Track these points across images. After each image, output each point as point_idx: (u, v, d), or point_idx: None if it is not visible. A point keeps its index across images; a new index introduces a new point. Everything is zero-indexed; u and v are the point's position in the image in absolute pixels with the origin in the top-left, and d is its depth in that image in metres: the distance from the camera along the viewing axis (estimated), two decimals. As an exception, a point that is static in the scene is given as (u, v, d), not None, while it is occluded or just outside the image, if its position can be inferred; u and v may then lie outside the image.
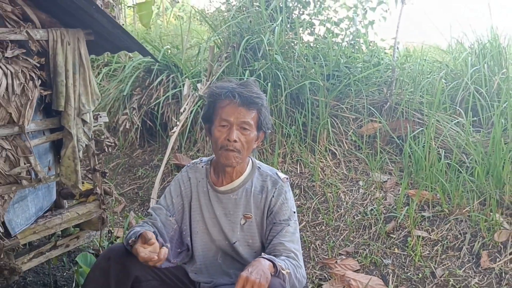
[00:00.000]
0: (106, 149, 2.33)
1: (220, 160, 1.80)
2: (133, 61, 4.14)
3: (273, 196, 1.85)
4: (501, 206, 2.78)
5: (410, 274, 2.58)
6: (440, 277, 2.51)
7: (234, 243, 1.88)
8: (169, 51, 4.29)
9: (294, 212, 1.88)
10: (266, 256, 1.63)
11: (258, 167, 1.91)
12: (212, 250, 1.93)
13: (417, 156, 3.18)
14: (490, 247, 2.61)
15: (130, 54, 4.43)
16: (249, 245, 1.88)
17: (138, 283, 1.78)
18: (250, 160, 1.92)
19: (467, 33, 4.41)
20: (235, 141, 1.74)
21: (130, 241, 1.66)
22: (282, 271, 1.61)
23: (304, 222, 3.12)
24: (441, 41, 5.29)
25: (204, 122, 1.87)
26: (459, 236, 2.72)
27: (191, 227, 1.93)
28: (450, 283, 2.46)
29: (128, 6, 7.63)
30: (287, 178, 1.91)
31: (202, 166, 1.95)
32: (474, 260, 2.58)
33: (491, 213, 2.70)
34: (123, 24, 5.42)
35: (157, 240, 1.61)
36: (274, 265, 1.60)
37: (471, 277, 2.49)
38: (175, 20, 8.15)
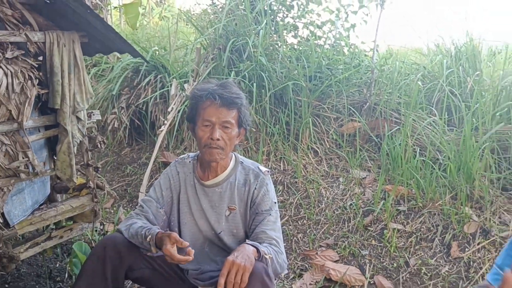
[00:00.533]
0: (99, 145, 2.45)
1: (205, 157, 1.94)
2: (122, 62, 4.25)
3: (255, 188, 1.98)
4: (471, 200, 2.96)
5: (386, 264, 2.75)
6: (413, 266, 2.69)
7: (220, 233, 2.01)
8: (157, 52, 4.41)
9: (275, 203, 2.02)
10: (250, 242, 1.77)
11: (241, 161, 2.05)
12: (200, 239, 2.06)
13: (394, 153, 3.35)
14: (460, 238, 2.79)
15: (118, 55, 4.54)
16: (233, 234, 2.02)
17: (131, 271, 1.91)
18: (234, 156, 2.06)
19: (444, 37, 4.62)
20: (218, 139, 1.87)
21: (148, 239, 1.77)
22: (265, 255, 1.75)
23: (287, 217, 3.27)
24: (422, 44, 5.50)
25: (189, 122, 1.99)
26: (432, 228, 2.90)
27: (179, 218, 2.06)
28: (422, 271, 2.64)
29: (114, 7, 7.73)
30: (268, 171, 2.05)
31: (189, 162, 2.08)
32: (445, 250, 2.76)
33: (462, 207, 2.88)
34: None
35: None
36: (258, 250, 1.74)
37: (442, 265, 2.66)
38: (161, 21, 8.26)
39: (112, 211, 3.52)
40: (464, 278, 2.57)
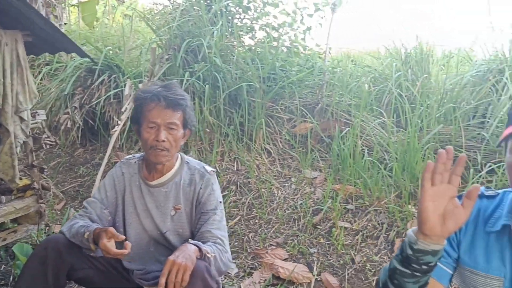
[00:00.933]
0: (44, 146, 2.42)
1: (150, 158, 1.95)
2: (75, 61, 4.19)
3: (201, 188, 2.01)
4: (414, 199, 3.09)
5: (333, 261, 2.83)
6: (359, 263, 2.77)
7: (165, 232, 2.03)
8: (111, 52, 4.37)
9: (221, 202, 2.05)
10: (193, 241, 1.80)
11: (187, 162, 2.08)
12: (145, 239, 2.07)
13: (343, 154, 3.45)
14: (403, 235, 2.90)
15: (73, 54, 4.47)
16: (179, 234, 2.04)
17: (73, 271, 1.89)
18: (179, 156, 2.08)
19: (395, 40, 4.78)
20: (163, 141, 1.89)
21: (86, 235, 1.77)
22: (208, 254, 1.78)
23: (239, 216, 3.31)
24: (380, 46, 5.66)
25: (133, 124, 2.00)
26: (378, 226, 3.00)
27: (124, 219, 2.07)
28: (367, 267, 2.73)
29: (72, 5, 7.58)
30: (213, 171, 2.08)
31: (135, 162, 2.09)
32: (389, 247, 2.86)
33: (406, 205, 3.00)
34: (65, 23, 5.42)
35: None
36: (200, 249, 1.77)
37: (386, 262, 2.76)
38: (123, 19, 8.15)
39: (63, 212, 3.47)
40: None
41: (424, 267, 1.11)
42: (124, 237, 1.72)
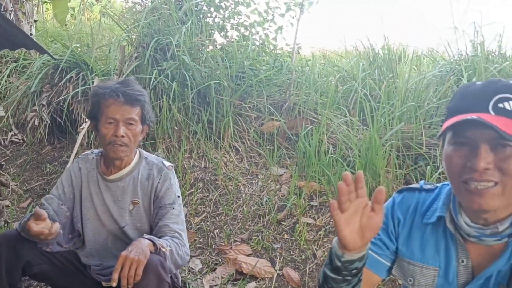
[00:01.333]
0: (2, 142, 2.40)
1: (109, 154, 1.97)
2: (42, 58, 4.16)
3: (158, 182, 2.04)
4: (376, 194, 3.15)
5: (295, 256, 2.88)
6: (320, 258, 2.83)
7: (123, 227, 2.05)
8: (79, 49, 4.34)
9: (179, 197, 2.08)
10: (147, 236, 1.82)
11: (145, 157, 2.10)
12: (103, 234, 2.09)
13: (309, 151, 3.50)
14: (364, 230, 2.97)
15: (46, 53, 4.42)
16: (137, 228, 2.06)
17: (29, 267, 1.90)
18: (138, 151, 2.10)
19: (363, 40, 4.87)
20: (122, 136, 1.92)
21: (23, 222, 1.78)
22: (162, 249, 1.81)
23: (206, 213, 3.33)
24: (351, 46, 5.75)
25: (91, 119, 2.02)
26: (340, 221, 3.06)
27: (82, 214, 2.08)
28: (328, 262, 2.79)
29: (44, 2, 7.49)
30: (172, 166, 2.11)
31: (93, 158, 2.10)
32: (350, 242, 2.92)
33: (367, 201, 3.06)
34: (35, 21, 5.35)
35: (49, 217, 1.76)
36: (154, 243, 1.80)
37: (346, 256, 2.82)
38: (101, 17, 8.09)
39: (29, 210, 3.45)
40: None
41: (353, 271, 1.18)
42: (45, 217, 1.72)
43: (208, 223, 3.25)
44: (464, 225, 1.17)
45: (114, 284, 1.63)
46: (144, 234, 1.85)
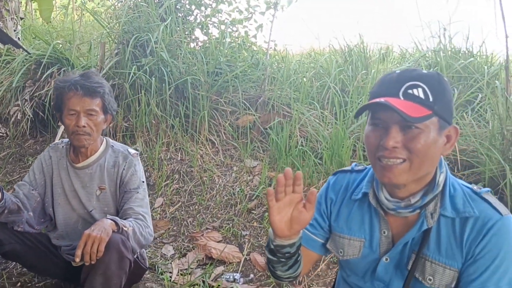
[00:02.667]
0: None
1: (73, 143, 2.11)
2: (23, 54, 4.27)
3: (124, 169, 2.18)
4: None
5: (262, 242, 3.03)
6: (285, 243, 2.98)
7: (91, 211, 2.19)
8: (60, 45, 4.46)
9: (143, 182, 2.22)
10: (110, 217, 1.96)
11: (112, 145, 2.24)
12: (73, 218, 2.22)
13: (280, 144, 3.65)
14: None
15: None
16: (104, 212, 2.19)
17: (0, 245, 2.03)
18: (105, 140, 2.24)
19: (339, 38, 5.02)
20: (84, 126, 2.05)
21: None
22: (124, 228, 1.95)
23: (180, 203, 3.47)
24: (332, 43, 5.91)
25: (56, 111, 2.14)
26: (306, 210, 3.21)
27: (53, 200, 2.22)
28: (292, 247, 2.94)
29: (31, -1, 7.58)
30: (137, 153, 2.25)
31: (63, 146, 2.24)
32: (315, 229, 3.07)
33: (333, 190, 3.22)
34: (22, 18, 5.45)
35: (3, 193, 1.89)
36: (117, 223, 1.93)
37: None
38: (81, 15, 8.17)
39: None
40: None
41: (287, 254, 1.35)
42: None
43: (182, 212, 3.39)
44: (384, 200, 1.31)
45: (77, 260, 1.76)
46: (107, 215, 1.99)
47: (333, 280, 1.68)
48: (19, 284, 2.46)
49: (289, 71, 4.42)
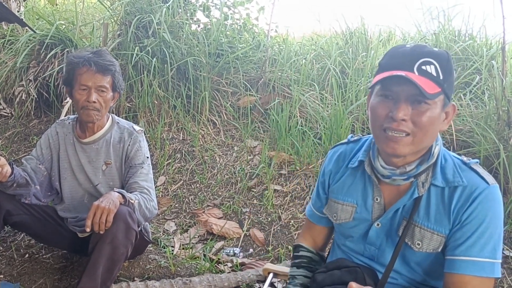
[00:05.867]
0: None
1: (82, 118, 2.18)
2: (27, 34, 4.31)
3: (129, 145, 2.25)
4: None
5: (262, 219, 3.11)
6: (284, 220, 3.07)
7: (97, 185, 2.27)
8: (64, 26, 4.51)
9: (148, 157, 2.29)
10: (117, 189, 2.04)
11: (117, 122, 2.31)
12: (79, 192, 2.30)
13: (279, 124, 3.72)
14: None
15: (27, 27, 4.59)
16: (110, 186, 2.27)
17: (9, 216, 2.12)
18: (111, 117, 2.31)
19: (340, 21, 5.05)
20: (94, 102, 2.12)
21: None
22: (131, 201, 2.03)
23: (182, 181, 3.56)
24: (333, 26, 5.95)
25: (66, 86, 2.21)
26: (305, 188, 3.29)
27: (59, 174, 2.30)
28: (291, 223, 3.03)
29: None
30: (141, 130, 2.32)
31: (69, 123, 2.31)
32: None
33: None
34: (25, 0, 5.48)
35: (13, 167, 1.96)
36: (124, 196, 2.01)
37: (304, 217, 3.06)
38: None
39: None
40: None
41: None
42: (4, 162, 1.91)
43: (184, 190, 3.48)
44: (380, 167, 1.38)
45: (88, 229, 1.84)
46: (115, 188, 2.06)
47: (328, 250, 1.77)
48: (27, 255, 2.56)
49: (290, 53, 4.47)
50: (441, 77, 1.23)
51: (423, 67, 1.23)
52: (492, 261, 1.24)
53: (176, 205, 3.35)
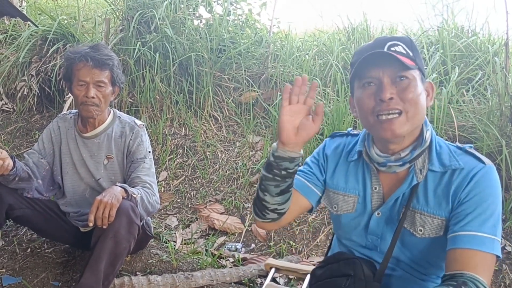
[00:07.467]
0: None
1: (82, 113, 2.18)
2: (29, 29, 4.31)
3: (130, 139, 2.25)
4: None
5: (264, 214, 3.11)
6: (286, 215, 3.06)
7: (99, 179, 2.27)
8: (66, 21, 4.50)
9: (150, 152, 2.29)
10: (119, 184, 2.03)
11: (119, 116, 2.31)
12: (81, 187, 2.31)
13: (282, 119, 3.71)
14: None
15: (29, 22, 4.59)
16: (112, 181, 2.27)
17: (12, 210, 2.12)
18: (112, 111, 2.31)
19: (342, 16, 5.04)
20: (92, 97, 2.11)
21: None
22: (133, 195, 2.03)
23: (184, 177, 3.56)
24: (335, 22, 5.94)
25: (65, 81, 2.20)
26: (307, 183, 3.29)
27: (61, 168, 2.30)
28: (293, 219, 3.03)
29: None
30: (143, 125, 2.32)
31: (71, 117, 2.31)
32: (316, 202, 3.16)
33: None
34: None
35: (15, 161, 1.96)
36: (126, 190, 2.01)
37: (310, 215, 3.06)
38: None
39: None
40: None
41: (283, 172, 1.34)
42: (5, 155, 1.91)
43: (185, 185, 3.48)
44: (375, 155, 1.39)
45: (91, 224, 1.84)
46: (117, 183, 2.06)
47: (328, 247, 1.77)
48: (29, 250, 2.56)
49: (292, 48, 4.46)
50: (411, 54, 1.29)
51: (392, 48, 1.29)
52: (492, 237, 1.23)
53: (178, 200, 3.35)
